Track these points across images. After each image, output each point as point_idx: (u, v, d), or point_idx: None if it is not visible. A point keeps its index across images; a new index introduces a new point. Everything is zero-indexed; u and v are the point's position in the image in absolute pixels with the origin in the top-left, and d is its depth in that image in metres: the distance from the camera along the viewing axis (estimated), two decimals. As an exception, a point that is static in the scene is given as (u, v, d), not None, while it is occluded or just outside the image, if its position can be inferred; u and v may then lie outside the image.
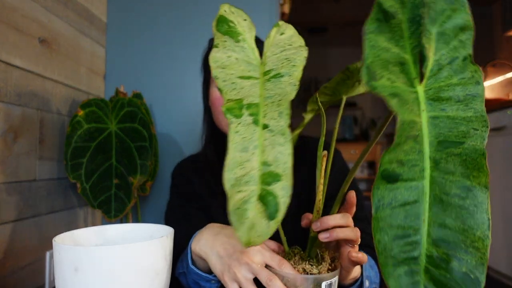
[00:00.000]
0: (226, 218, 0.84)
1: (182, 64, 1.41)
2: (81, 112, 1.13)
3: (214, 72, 0.45)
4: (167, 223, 0.87)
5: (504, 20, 3.23)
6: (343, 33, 5.22)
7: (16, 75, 0.93)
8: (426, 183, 0.36)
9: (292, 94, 0.43)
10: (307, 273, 0.52)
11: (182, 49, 1.41)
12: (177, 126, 1.40)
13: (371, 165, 5.05)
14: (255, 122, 0.42)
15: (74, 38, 1.19)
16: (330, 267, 0.53)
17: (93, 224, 1.35)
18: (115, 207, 1.13)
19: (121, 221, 1.17)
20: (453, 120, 0.38)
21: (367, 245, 0.73)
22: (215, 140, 0.89)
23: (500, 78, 3.03)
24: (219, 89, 0.44)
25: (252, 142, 0.40)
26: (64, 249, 0.47)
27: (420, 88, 0.40)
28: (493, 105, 2.02)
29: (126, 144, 1.15)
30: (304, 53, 0.47)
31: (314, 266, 0.52)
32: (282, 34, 0.51)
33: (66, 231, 0.56)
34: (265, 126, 0.41)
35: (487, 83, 3.07)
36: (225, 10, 0.50)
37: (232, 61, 0.47)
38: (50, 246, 1.07)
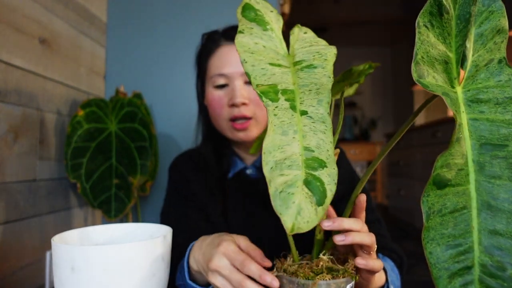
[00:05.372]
0: (222, 219, 0.84)
1: (182, 64, 1.41)
2: (81, 112, 1.14)
3: (242, 55, 0.44)
4: (162, 221, 0.86)
5: (504, 20, 3.23)
6: (342, 33, 5.21)
7: (16, 75, 0.93)
8: (472, 188, 0.34)
9: (329, 85, 0.42)
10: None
11: (182, 49, 1.41)
12: (177, 126, 1.40)
13: (371, 165, 5.05)
14: (292, 107, 0.41)
15: (74, 38, 1.19)
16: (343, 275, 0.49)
17: (93, 224, 1.35)
18: (115, 207, 1.13)
19: (121, 221, 1.18)
20: (493, 122, 0.36)
21: (383, 247, 0.72)
22: (213, 140, 0.87)
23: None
24: (247, 74, 0.43)
25: (292, 126, 0.39)
26: (61, 248, 0.47)
27: (459, 89, 0.39)
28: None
29: (126, 144, 1.15)
30: (333, 50, 0.47)
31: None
32: (305, 33, 0.52)
33: (66, 231, 0.56)
34: (304, 113, 0.40)
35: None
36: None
37: (260, 48, 0.46)
38: (50, 246, 1.07)
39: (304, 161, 0.38)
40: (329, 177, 0.37)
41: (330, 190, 0.36)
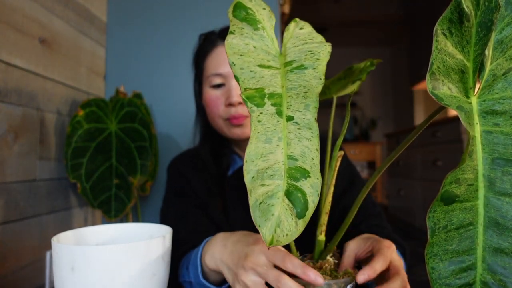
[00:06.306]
0: (223, 217, 0.84)
1: (182, 64, 1.41)
2: (81, 112, 1.14)
3: (231, 58, 0.42)
4: (162, 220, 0.86)
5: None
6: (342, 33, 5.22)
7: (16, 75, 0.93)
8: (480, 204, 0.33)
9: (318, 88, 0.40)
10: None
11: (182, 49, 1.42)
12: (177, 126, 1.40)
13: (371, 164, 5.06)
14: (279, 113, 0.39)
15: (74, 38, 1.19)
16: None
17: (93, 224, 1.35)
18: (115, 207, 1.13)
19: (121, 221, 1.18)
20: (508, 136, 0.34)
21: (386, 238, 0.73)
22: (210, 139, 0.88)
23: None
24: (236, 77, 0.41)
25: (276, 133, 0.38)
26: (61, 248, 0.47)
27: (474, 99, 0.37)
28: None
29: (126, 144, 1.15)
30: (328, 47, 0.45)
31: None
32: (301, 29, 0.50)
33: (66, 231, 0.56)
34: (290, 118, 0.39)
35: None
36: None
37: (250, 49, 0.44)
38: (50, 246, 1.07)
39: (287, 171, 0.36)
40: (311, 188, 0.36)
41: (313, 201, 0.35)
